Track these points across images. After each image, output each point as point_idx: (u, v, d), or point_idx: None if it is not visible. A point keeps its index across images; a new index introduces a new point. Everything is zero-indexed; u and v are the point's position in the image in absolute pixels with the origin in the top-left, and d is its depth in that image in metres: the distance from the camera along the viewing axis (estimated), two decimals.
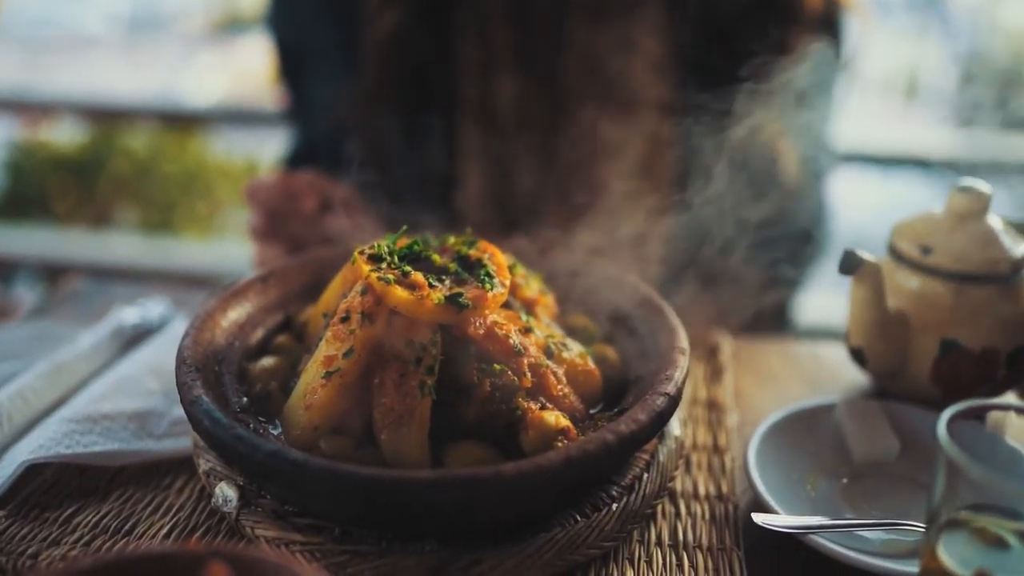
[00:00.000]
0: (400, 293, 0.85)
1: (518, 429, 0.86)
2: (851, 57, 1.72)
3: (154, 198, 4.19)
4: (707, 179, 1.40)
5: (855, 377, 1.23)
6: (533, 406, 0.87)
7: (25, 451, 0.93)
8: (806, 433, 1.03)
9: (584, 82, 1.54)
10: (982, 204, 1.07)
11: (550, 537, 0.83)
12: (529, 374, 0.89)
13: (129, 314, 1.25)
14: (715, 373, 1.22)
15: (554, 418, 0.86)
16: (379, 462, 0.84)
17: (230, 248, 4.11)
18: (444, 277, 0.91)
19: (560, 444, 0.84)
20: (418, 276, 0.88)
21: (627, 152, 1.53)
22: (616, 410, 0.91)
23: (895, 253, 1.11)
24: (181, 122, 4.38)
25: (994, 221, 1.08)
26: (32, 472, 0.94)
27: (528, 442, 0.85)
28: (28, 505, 0.91)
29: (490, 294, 0.89)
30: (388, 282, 0.86)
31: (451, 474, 0.74)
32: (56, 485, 0.95)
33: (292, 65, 1.75)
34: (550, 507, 0.85)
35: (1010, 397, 1.12)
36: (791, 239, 1.67)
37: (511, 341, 0.89)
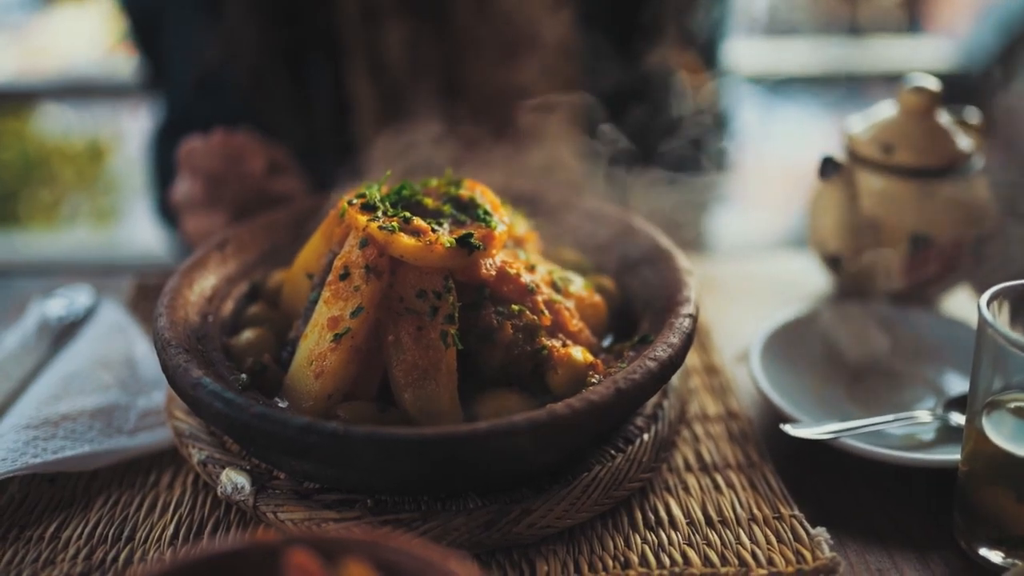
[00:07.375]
0: (407, 241, 0.79)
1: (544, 370, 0.82)
2: None
3: None
4: (612, 112, 1.38)
5: (816, 285, 1.26)
6: (556, 344, 0.83)
7: None
8: (798, 343, 1.04)
9: (477, 21, 1.47)
10: (933, 101, 1.10)
11: (593, 476, 0.80)
12: (546, 311, 0.85)
13: (52, 306, 1.12)
14: None
15: (581, 353, 0.83)
16: (405, 422, 0.79)
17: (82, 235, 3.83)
18: (442, 220, 0.85)
19: (592, 379, 0.81)
20: (420, 222, 0.82)
21: (530, 90, 1.49)
22: (638, 338, 0.88)
23: (856, 157, 1.12)
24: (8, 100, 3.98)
25: (943, 117, 1.11)
26: None
27: (557, 381, 0.82)
28: (3, 526, 0.80)
29: (496, 232, 0.84)
30: (392, 231, 0.79)
31: (508, 422, 0.70)
32: (27, 500, 0.84)
33: (147, 31, 1.59)
34: (590, 445, 0.82)
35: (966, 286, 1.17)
36: (697, 155, 1.69)
37: (523, 280, 0.85)
